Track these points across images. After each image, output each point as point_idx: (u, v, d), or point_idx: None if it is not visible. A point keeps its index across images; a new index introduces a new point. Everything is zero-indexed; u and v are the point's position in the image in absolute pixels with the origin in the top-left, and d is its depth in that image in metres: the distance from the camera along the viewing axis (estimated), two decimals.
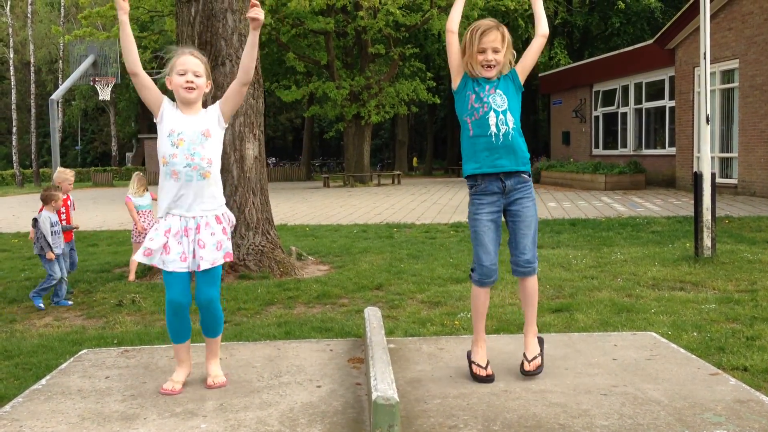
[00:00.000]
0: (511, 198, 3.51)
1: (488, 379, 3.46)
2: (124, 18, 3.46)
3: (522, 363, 3.54)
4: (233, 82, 3.55)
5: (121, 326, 5.72)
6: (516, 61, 3.60)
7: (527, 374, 3.49)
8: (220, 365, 3.71)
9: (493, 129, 3.44)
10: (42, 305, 6.65)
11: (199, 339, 3.75)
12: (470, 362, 3.57)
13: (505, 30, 3.49)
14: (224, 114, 3.55)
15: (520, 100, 3.57)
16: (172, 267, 3.40)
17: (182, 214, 3.43)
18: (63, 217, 7.20)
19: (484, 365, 3.51)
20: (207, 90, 3.54)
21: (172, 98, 3.56)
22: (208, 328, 3.62)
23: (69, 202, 7.44)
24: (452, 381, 3.53)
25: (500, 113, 3.45)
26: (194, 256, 3.43)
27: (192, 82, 3.44)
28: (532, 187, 3.61)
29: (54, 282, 6.73)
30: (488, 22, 3.48)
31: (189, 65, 3.45)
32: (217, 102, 3.59)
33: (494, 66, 3.45)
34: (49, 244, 6.70)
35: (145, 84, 3.46)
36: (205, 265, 3.43)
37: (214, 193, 3.50)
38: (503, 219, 3.60)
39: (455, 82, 3.58)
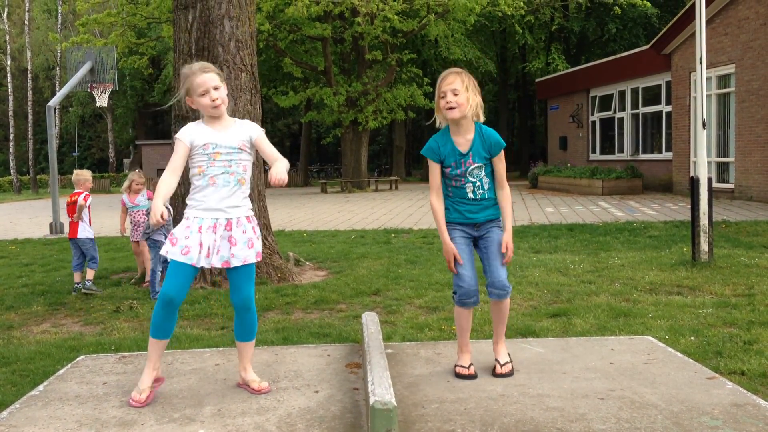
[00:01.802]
0: (481, 231, 3.71)
1: (470, 377, 3.64)
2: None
3: (494, 367, 3.72)
4: (271, 155, 3.55)
5: (118, 332, 5.71)
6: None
7: (498, 376, 3.65)
8: (219, 369, 3.70)
9: (470, 195, 3.67)
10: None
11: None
12: (455, 366, 3.75)
13: (467, 76, 3.63)
14: (255, 147, 3.59)
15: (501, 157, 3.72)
16: (195, 261, 3.39)
17: (215, 216, 3.44)
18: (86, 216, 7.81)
19: (466, 366, 3.69)
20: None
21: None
22: (246, 330, 3.58)
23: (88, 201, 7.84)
24: (450, 386, 3.54)
25: (477, 182, 3.66)
26: (218, 253, 3.44)
27: (216, 99, 3.47)
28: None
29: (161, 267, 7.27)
30: (450, 69, 3.67)
31: (208, 83, 3.47)
32: (256, 129, 3.59)
33: (455, 107, 3.56)
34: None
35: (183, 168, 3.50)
36: (235, 263, 3.44)
37: (246, 197, 3.56)
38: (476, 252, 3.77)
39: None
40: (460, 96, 3.55)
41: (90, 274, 7.65)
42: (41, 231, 15.29)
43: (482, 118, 3.68)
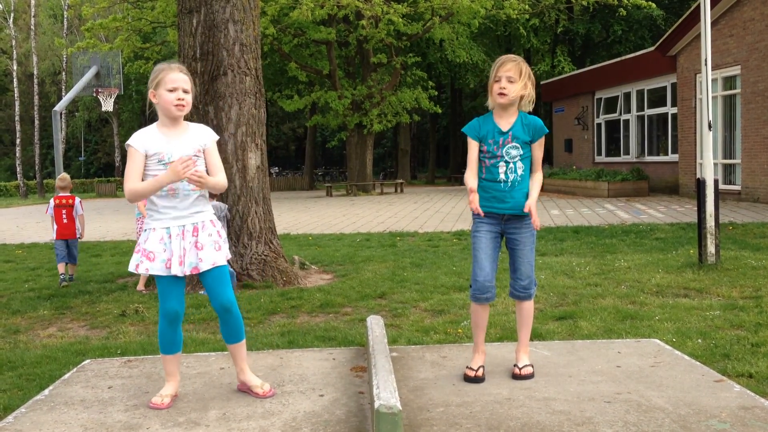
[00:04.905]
0: (510, 225, 3.73)
1: (476, 379, 3.63)
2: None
3: (512, 369, 3.74)
4: (214, 166, 3.52)
5: (124, 336, 5.71)
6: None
7: (517, 378, 3.66)
8: (224, 374, 3.69)
9: (502, 177, 3.66)
10: None
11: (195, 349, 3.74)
12: (466, 367, 3.74)
13: (524, 66, 3.68)
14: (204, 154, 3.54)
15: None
16: (175, 271, 3.39)
17: (181, 223, 3.43)
18: (64, 214, 8.65)
19: (475, 368, 3.68)
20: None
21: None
22: (233, 332, 3.54)
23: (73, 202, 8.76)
24: (455, 389, 3.53)
25: (510, 163, 3.65)
26: (186, 260, 3.42)
27: (183, 99, 3.42)
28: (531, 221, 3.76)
29: None
30: (509, 56, 3.71)
31: (179, 82, 3.42)
32: (210, 136, 3.56)
33: (506, 94, 3.61)
34: None
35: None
36: (204, 266, 3.41)
37: (207, 200, 3.56)
38: (504, 242, 3.79)
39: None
40: (515, 84, 3.60)
41: (74, 269, 8.75)
42: (48, 235, 15.31)
43: (527, 110, 3.73)
